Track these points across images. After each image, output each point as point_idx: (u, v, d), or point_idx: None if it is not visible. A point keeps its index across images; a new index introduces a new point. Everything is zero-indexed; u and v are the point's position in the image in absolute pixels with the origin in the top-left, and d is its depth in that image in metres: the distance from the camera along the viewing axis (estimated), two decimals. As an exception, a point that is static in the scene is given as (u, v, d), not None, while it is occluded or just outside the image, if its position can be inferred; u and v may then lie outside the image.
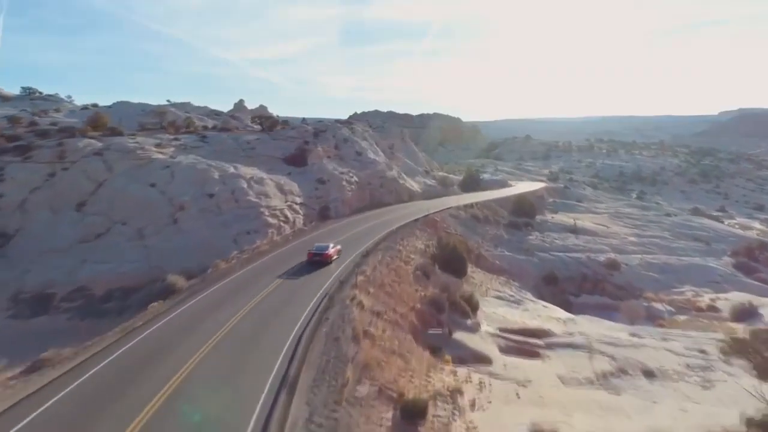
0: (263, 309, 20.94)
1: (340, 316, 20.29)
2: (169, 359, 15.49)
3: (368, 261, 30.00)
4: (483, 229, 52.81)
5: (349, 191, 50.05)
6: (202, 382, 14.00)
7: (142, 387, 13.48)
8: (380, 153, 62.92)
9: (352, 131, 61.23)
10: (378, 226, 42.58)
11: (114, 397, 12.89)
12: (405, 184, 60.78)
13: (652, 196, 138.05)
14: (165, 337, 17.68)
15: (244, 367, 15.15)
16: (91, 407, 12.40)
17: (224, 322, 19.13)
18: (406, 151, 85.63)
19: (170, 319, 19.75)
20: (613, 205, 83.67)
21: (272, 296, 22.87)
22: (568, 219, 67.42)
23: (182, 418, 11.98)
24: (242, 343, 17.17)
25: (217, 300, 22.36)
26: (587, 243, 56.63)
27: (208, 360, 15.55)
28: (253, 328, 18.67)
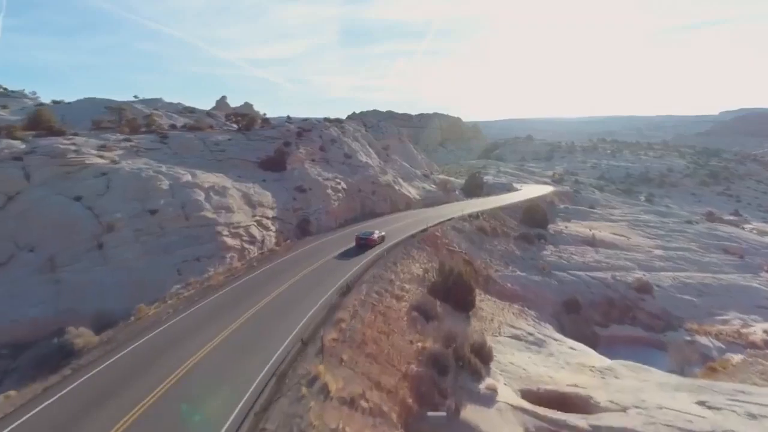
0: (169, 412, 13.08)
1: (286, 422, 12.66)
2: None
3: (347, 302, 22.34)
4: (491, 243, 45.12)
5: (336, 200, 42.35)
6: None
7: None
8: (374, 155, 55.30)
9: (342, 131, 53.60)
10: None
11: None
12: (401, 191, 53.10)
13: (661, 198, 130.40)
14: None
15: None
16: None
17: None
18: (404, 152, 77.93)
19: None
20: (629, 212, 75.93)
21: (196, 376, 15.17)
22: (584, 229, 59.72)
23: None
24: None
25: (116, 380, 14.73)
26: (609, 258, 48.92)
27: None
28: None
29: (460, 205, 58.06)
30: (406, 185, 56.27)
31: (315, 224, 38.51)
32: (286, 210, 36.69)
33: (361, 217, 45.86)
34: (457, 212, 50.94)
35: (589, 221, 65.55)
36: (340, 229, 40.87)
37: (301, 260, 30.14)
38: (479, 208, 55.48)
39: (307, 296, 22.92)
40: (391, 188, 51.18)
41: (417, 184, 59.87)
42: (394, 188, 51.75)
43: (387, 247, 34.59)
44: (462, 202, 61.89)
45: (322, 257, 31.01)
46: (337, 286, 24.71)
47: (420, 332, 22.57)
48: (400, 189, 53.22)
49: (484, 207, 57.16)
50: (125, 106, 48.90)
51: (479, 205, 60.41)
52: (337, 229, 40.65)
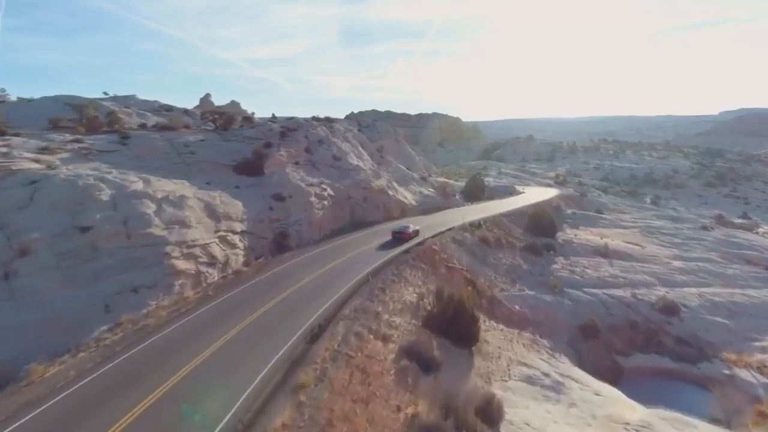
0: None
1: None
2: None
3: (315, 354, 16.95)
4: (495, 256, 39.71)
5: (320, 209, 36.95)
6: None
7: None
8: (366, 157, 49.93)
9: (331, 131, 48.18)
10: (353, 264, 29.59)
11: None
12: (396, 196, 47.69)
13: (667, 201, 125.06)
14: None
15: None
16: None
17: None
18: (401, 153, 72.52)
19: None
20: (639, 217, 70.48)
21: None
22: (595, 237, 54.33)
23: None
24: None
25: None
26: (626, 272, 43.52)
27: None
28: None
29: (461, 212, 52.68)
30: (401, 190, 50.87)
31: (295, 237, 33.13)
32: (259, 222, 31.28)
33: (350, 227, 40.47)
34: (457, 220, 45.57)
35: (598, 228, 60.13)
36: (325, 242, 35.47)
37: (270, 285, 24.78)
38: (481, 215, 50.08)
39: (262, 345, 17.50)
40: (385, 194, 45.79)
41: (413, 188, 54.47)
42: (388, 193, 46.36)
43: (377, 266, 29.28)
44: (462, 208, 56.49)
45: (297, 280, 25.63)
46: (306, 327, 19.34)
47: (411, 391, 17.20)
48: (395, 194, 47.82)
49: (486, 213, 51.75)
50: (89, 103, 43.47)
51: (481, 210, 55.03)
52: (321, 242, 35.25)
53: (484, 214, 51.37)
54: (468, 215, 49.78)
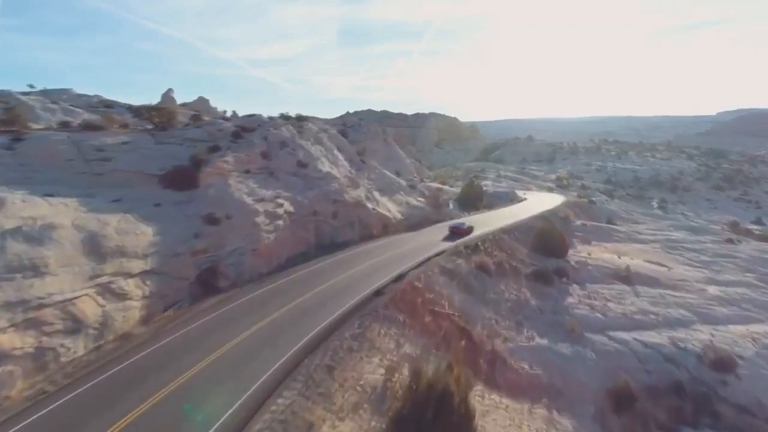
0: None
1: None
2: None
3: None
4: (496, 289, 31.04)
5: (272, 231, 28.22)
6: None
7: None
8: (342, 163, 41.22)
9: (299, 131, 39.42)
10: (300, 316, 20.95)
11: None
12: (377, 210, 38.96)
13: (675, 205, 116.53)
14: None
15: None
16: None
17: None
18: (391, 156, 63.78)
19: None
20: (656, 228, 61.75)
21: None
22: (612, 255, 45.69)
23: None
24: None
25: None
26: (656, 304, 34.89)
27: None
28: None
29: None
30: (384, 201, 42.15)
31: (230, 274, 24.44)
32: (175, 256, 22.55)
33: (315, 250, 31.77)
34: (449, 241, 36.99)
35: (613, 242, 51.46)
36: (275, 276, 26.75)
37: (161, 363, 16.14)
38: (478, 231, 41.41)
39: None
40: (362, 207, 37.06)
41: (400, 198, 45.76)
42: (367, 207, 37.62)
43: (334, 319, 20.71)
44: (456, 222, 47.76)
45: (206, 352, 16.96)
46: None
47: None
48: (375, 207, 39.08)
49: (485, 228, 43.06)
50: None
51: (478, 223, 46.36)
52: (268, 277, 26.52)
53: (482, 228, 42.69)
54: (463, 231, 41.16)
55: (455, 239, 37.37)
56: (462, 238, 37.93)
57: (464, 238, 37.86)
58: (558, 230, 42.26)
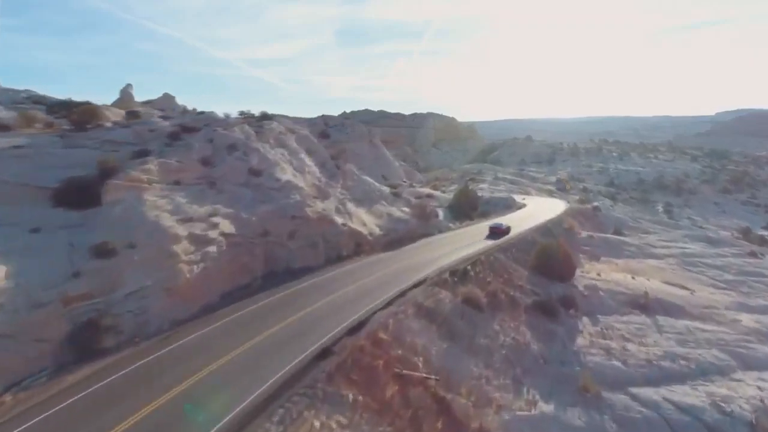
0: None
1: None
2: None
3: None
4: (488, 330, 24.29)
5: (196, 262, 21.42)
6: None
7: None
8: (311, 169, 34.39)
9: (257, 132, 32.58)
10: (209, 392, 14.24)
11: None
12: (349, 225, 32.18)
13: (681, 209, 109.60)
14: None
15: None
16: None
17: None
18: (376, 159, 56.98)
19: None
20: (669, 239, 54.85)
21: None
22: (625, 274, 38.94)
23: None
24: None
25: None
26: (684, 343, 28.13)
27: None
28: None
29: (442, 244, 37.26)
30: (360, 213, 35.37)
31: (126, 325, 17.69)
32: (36, 308, 15.81)
33: (263, 281, 24.99)
34: (432, 263, 30.30)
35: (624, 258, 44.68)
36: (199, 321, 20.01)
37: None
38: (470, 250, 34.68)
39: None
40: (330, 222, 30.29)
41: (380, 208, 38.99)
42: (335, 222, 30.85)
43: (254, 398, 14.06)
44: (446, 236, 41.01)
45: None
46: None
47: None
48: (347, 222, 32.30)
49: (477, 245, 36.35)
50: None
51: (471, 238, 39.65)
52: (188, 323, 19.73)
53: (475, 246, 35.95)
54: (451, 251, 34.42)
55: (497, 237, 39.55)
56: (501, 237, 39.88)
57: (451, 261, 31.13)
58: (563, 247, 35.45)
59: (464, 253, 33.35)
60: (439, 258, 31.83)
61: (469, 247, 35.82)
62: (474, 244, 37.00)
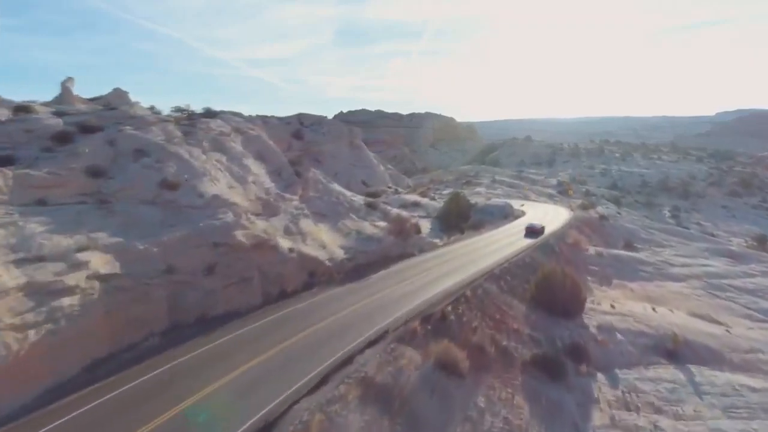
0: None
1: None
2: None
3: None
4: (470, 412, 17.06)
5: (30, 329, 14.17)
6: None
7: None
8: (257, 178, 27.00)
9: (187, 133, 25.23)
10: None
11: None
12: (299, 249, 24.84)
13: (689, 213, 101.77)
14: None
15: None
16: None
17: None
18: (356, 162, 49.60)
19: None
20: (687, 254, 47.20)
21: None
22: (643, 305, 31.50)
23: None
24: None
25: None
26: (730, 411, 20.76)
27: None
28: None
29: (421, 268, 29.86)
30: (319, 232, 28.03)
31: None
32: None
33: (161, 340, 17.73)
34: (406, 297, 23.00)
35: (639, 282, 37.21)
36: (36, 412, 12.87)
37: None
38: (455, 278, 27.36)
39: None
40: (271, 249, 22.98)
41: (348, 224, 31.65)
42: (279, 248, 23.54)
43: None
44: (428, 258, 33.63)
45: None
46: None
47: None
48: (297, 246, 24.98)
49: (464, 272, 28.99)
50: None
51: (458, 260, 32.33)
52: (10, 419, 12.57)
53: (460, 274, 28.58)
54: (431, 279, 27.10)
55: (535, 237, 39.63)
56: (539, 237, 39.92)
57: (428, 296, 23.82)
58: (570, 276, 28.04)
59: (447, 284, 26.01)
60: (412, 293, 24.49)
61: (454, 273, 28.48)
62: (461, 268, 29.66)
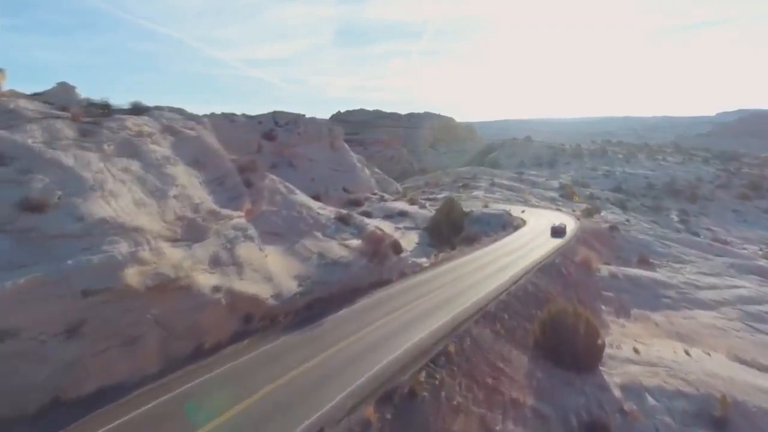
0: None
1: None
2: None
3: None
4: None
5: None
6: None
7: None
8: (182, 191, 20.56)
9: (85, 135, 18.77)
10: None
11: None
12: (226, 289, 18.38)
13: (698, 218, 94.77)
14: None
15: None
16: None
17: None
18: (336, 166, 43.03)
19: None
20: (710, 270, 40.45)
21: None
22: (671, 343, 24.86)
23: None
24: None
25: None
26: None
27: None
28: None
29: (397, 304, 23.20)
30: (263, 261, 21.50)
31: None
32: None
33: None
34: (366, 355, 16.41)
35: (664, 309, 30.52)
36: None
37: None
38: (439, 319, 20.70)
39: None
40: (178, 292, 16.53)
41: (309, 246, 25.12)
42: (195, 287, 17.08)
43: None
44: (409, 285, 27.00)
45: None
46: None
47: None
48: (228, 282, 18.53)
49: (453, 307, 22.43)
50: None
51: (446, 288, 25.76)
52: None
53: (446, 312, 21.95)
54: (407, 321, 20.48)
55: (560, 236, 40.40)
56: (564, 236, 40.87)
57: (398, 354, 17.25)
58: (584, 316, 21.41)
59: (425, 332, 19.36)
60: (376, 346, 17.90)
61: (438, 311, 21.87)
62: (447, 304, 23.07)
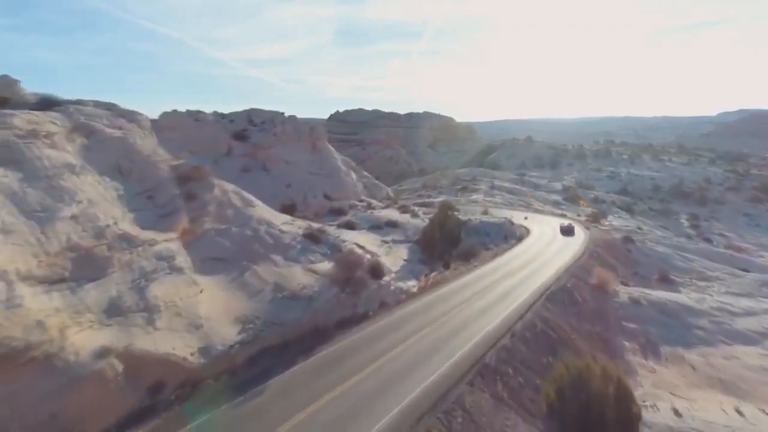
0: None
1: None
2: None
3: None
4: None
5: None
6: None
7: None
8: (82, 211, 15.37)
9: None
10: None
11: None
12: (122, 350, 13.08)
13: (709, 222, 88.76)
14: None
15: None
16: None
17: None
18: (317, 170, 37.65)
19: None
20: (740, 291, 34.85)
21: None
22: (717, 401, 19.38)
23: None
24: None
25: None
26: None
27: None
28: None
29: (370, 354, 17.70)
30: (193, 300, 16.26)
31: None
32: None
33: None
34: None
35: (698, 346, 24.97)
36: None
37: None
38: (424, 379, 15.26)
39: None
40: (33, 365, 11.20)
41: (262, 273, 19.75)
42: (63, 355, 11.76)
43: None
44: (385, 325, 21.48)
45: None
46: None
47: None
48: (128, 339, 13.29)
49: (442, 358, 17.00)
50: None
51: (435, 326, 20.32)
52: None
53: (433, 366, 16.49)
54: (372, 396, 14.97)
55: (570, 236, 41.52)
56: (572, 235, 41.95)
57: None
58: (615, 375, 15.92)
59: (402, 402, 13.91)
60: (335, 428, 12.45)
61: (421, 366, 16.42)
62: (435, 352, 17.63)
